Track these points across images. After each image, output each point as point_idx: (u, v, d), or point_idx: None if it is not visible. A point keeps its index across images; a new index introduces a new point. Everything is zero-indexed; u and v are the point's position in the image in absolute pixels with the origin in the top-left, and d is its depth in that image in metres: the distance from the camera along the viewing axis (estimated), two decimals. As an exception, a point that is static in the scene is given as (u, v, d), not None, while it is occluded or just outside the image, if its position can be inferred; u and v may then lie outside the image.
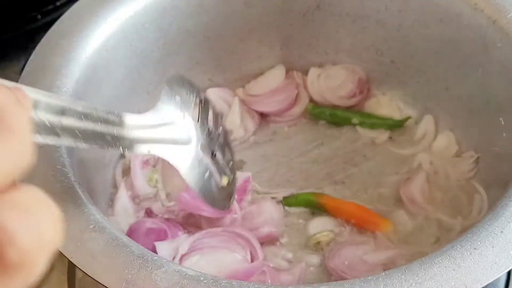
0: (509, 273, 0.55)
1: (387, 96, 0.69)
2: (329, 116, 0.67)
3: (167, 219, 0.58)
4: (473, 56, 0.58)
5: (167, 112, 0.41)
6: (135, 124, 0.38)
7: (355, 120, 0.66)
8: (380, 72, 0.68)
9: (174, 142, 0.41)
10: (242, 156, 0.65)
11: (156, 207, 0.58)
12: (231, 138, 0.65)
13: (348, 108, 0.68)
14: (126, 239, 0.42)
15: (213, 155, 0.47)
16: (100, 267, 0.40)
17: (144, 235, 0.55)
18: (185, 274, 0.39)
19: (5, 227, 0.17)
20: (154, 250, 0.52)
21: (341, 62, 0.70)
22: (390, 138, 0.66)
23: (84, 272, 0.40)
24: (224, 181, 0.49)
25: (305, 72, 0.70)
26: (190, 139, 0.42)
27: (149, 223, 0.56)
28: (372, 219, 0.58)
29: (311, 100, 0.69)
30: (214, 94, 0.68)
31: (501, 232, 0.40)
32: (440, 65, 0.63)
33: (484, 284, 0.38)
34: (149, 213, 0.58)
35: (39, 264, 0.18)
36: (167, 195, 0.61)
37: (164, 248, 0.53)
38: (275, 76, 0.70)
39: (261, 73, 0.70)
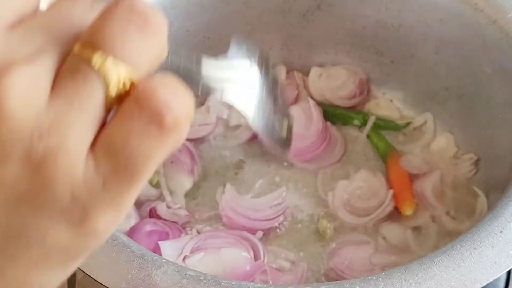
0: (509, 273, 0.54)
1: (387, 96, 0.69)
2: (330, 115, 0.67)
3: (170, 221, 0.58)
4: (473, 56, 0.58)
5: (237, 58, 0.46)
6: (209, 63, 0.41)
7: (356, 121, 0.66)
8: (380, 72, 0.68)
9: (243, 84, 0.45)
10: (242, 156, 0.65)
11: (161, 209, 0.58)
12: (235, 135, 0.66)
13: (349, 109, 0.68)
14: (126, 239, 0.42)
15: (275, 100, 0.51)
16: (100, 267, 0.40)
17: (146, 236, 0.55)
18: (185, 274, 0.39)
19: (164, 97, 0.21)
20: (155, 251, 0.52)
21: (341, 62, 0.69)
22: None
23: (84, 272, 0.40)
24: (285, 124, 0.53)
25: (305, 73, 0.70)
26: (256, 83, 0.47)
27: (151, 224, 0.56)
28: (406, 192, 0.59)
29: (312, 99, 0.69)
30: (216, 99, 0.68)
31: (501, 232, 0.40)
32: (440, 65, 0.63)
33: (484, 284, 0.38)
34: (153, 213, 0.58)
35: (184, 132, 0.22)
36: (172, 195, 0.61)
37: (168, 247, 0.53)
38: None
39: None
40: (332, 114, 0.67)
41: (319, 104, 0.68)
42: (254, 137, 0.66)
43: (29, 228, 0.22)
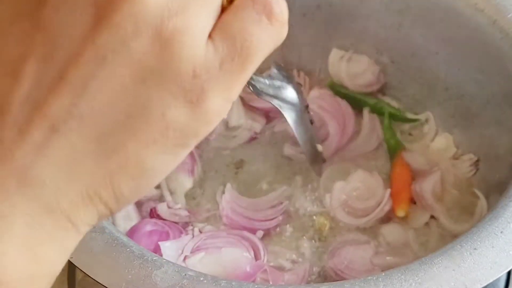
0: (509, 273, 0.55)
1: (387, 96, 0.69)
2: (346, 96, 0.67)
3: (170, 221, 0.58)
4: (473, 56, 0.58)
5: (278, 79, 0.51)
6: (259, 79, 0.49)
7: (367, 107, 0.66)
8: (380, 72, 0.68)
9: (285, 101, 0.51)
10: (242, 155, 0.65)
11: (162, 209, 0.58)
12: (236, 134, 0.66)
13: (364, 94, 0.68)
14: (126, 239, 0.42)
15: (311, 122, 0.56)
16: (100, 267, 0.40)
17: (146, 236, 0.55)
18: (185, 274, 0.39)
19: None
20: (155, 251, 0.52)
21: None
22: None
23: (84, 272, 0.40)
24: (319, 147, 0.57)
25: (306, 72, 0.70)
26: (296, 102, 0.52)
27: (151, 224, 0.56)
28: (402, 194, 0.59)
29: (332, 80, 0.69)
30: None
31: (501, 232, 0.40)
32: (440, 65, 0.63)
33: (484, 284, 0.38)
34: (154, 213, 0.58)
35: (286, 29, 0.26)
36: (172, 195, 0.61)
37: (168, 248, 0.53)
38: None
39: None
40: (348, 95, 0.67)
41: (337, 86, 0.68)
42: (254, 137, 0.66)
43: (152, 103, 0.24)
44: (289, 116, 0.52)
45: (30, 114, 0.23)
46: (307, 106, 0.55)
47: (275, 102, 0.50)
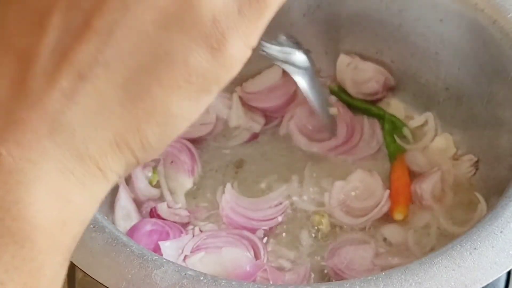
0: (509, 273, 0.55)
1: (388, 96, 0.69)
2: (346, 102, 0.67)
3: (170, 221, 0.58)
4: (473, 56, 0.58)
5: (288, 46, 0.52)
6: (271, 46, 0.51)
7: (369, 114, 0.66)
8: (380, 72, 0.68)
9: (296, 66, 0.52)
10: (242, 155, 0.65)
11: (162, 209, 0.58)
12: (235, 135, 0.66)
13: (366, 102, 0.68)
14: (126, 238, 0.42)
15: (321, 87, 0.57)
16: (100, 267, 0.40)
17: (146, 236, 0.55)
18: (185, 274, 0.39)
19: None
20: (155, 251, 0.52)
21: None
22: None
23: (84, 272, 0.40)
24: (332, 110, 0.58)
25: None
26: (306, 66, 0.53)
27: (151, 224, 0.56)
28: (401, 197, 0.59)
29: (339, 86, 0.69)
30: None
31: (501, 232, 0.40)
32: (440, 65, 0.63)
33: (484, 284, 0.38)
34: (154, 213, 0.58)
35: None
36: (172, 195, 0.61)
37: (168, 247, 0.53)
38: (272, 75, 0.70)
39: (260, 73, 0.70)
40: (348, 103, 0.67)
41: (339, 92, 0.68)
42: (254, 137, 0.66)
43: (175, 49, 0.25)
44: (301, 81, 0.53)
45: (58, 62, 0.24)
46: (318, 71, 0.56)
47: (287, 68, 0.51)
